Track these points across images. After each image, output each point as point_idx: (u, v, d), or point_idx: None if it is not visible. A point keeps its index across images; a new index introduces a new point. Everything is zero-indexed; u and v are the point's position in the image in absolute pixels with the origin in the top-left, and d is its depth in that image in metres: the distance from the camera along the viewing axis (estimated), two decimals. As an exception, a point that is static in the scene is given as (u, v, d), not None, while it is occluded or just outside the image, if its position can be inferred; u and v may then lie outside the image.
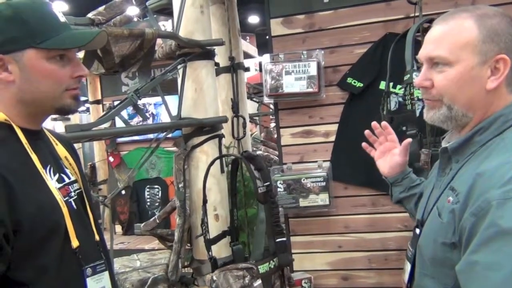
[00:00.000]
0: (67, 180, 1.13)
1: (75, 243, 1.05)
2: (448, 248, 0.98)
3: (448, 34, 1.00)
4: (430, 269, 1.06)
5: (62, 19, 1.07)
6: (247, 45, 6.51)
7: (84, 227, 1.12)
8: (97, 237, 1.17)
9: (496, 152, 0.95)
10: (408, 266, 1.17)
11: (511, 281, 0.80)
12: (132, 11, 2.69)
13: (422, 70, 1.05)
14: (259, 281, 1.69)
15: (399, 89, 2.35)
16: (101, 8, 1.91)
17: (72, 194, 1.12)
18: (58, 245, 1.02)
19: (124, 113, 2.47)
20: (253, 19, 12.53)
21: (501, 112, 0.98)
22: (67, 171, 1.15)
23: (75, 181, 1.16)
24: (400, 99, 2.33)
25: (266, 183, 1.77)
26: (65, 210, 1.04)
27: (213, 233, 2.14)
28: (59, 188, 1.08)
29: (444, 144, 1.10)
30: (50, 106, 1.07)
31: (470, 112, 1.00)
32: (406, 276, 1.18)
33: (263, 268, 1.69)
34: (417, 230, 1.13)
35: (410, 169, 1.49)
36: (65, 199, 1.07)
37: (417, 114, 2.10)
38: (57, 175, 1.10)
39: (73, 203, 1.11)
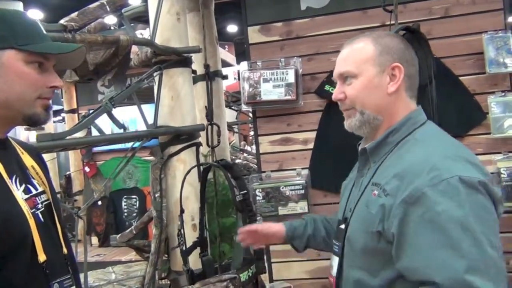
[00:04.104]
0: (34, 191, 1.08)
1: (42, 257, 1.01)
2: (375, 236, 1.10)
3: (352, 53, 1.20)
4: (360, 260, 1.17)
5: (44, 32, 1.10)
6: (226, 54, 6.51)
7: (51, 240, 1.08)
8: (65, 251, 1.12)
9: (414, 149, 1.12)
10: (335, 260, 1.26)
11: (456, 252, 0.95)
12: (110, 19, 2.64)
13: (336, 86, 1.23)
14: None
15: (376, 96, 2.36)
16: (73, 14, 1.87)
17: (40, 206, 1.08)
18: (24, 259, 0.98)
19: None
20: (232, 28, 12.56)
21: (409, 115, 1.16)
22: (34, 182, 1.10)
23: (43, 192, 1.12)
24: (377, 106, 2.34)
25: (243, 192, 1.76)
26: (32, 222, 1.00)
27: (190, 243, 2.09)
28: (26, 200, 1.04)
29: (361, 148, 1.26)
30: (21, 112, 1.04)
31: (380, 115, 1.17)
32: (334, 270, 1.26)
33: (243, 277, 1.68)
34: (342, 226, 1.25)
35: (289, 222, 1.56)
36: (32, 211, 1.03)
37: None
38: (23, 186, 1.06)
39: (40, 215, 1.07)
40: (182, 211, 1.88)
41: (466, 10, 2.37)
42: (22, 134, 5.29)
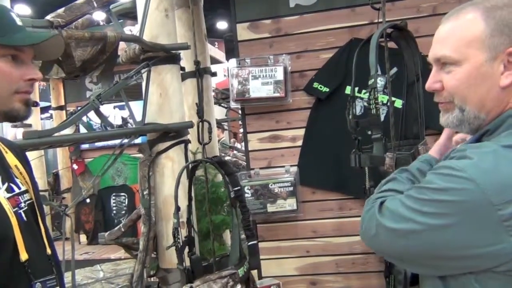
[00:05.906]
0: (17, 190, 1.07)
1: (24, 256, 0.99)
2: None
3: (453, 31, 0.93)
4: None
5: (19, 23, 1.05)
6: (215, 51, 6.49)
7: (34, 239, 1.06)
8: (48, 251, 1.11)
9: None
10: None
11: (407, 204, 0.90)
12: (99, 15, 2.61)
13: (432, 72, 0.99)
14: (239, 286, 1.69)
15: (364, 93, 2.37)
16: (60, 10, 1.85)
17: (22, 205, 1.06)
18: (5, 258, 0.96)
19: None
20: (222, 25, 12.51)
21: (509, 112, 0.89)
22: (18, 181, 1.09)
23: (26, 192, 1.10)
24: (365, 103, 2.35)
25: (236, 188, 1.77)
26: (13, 221, 0.98)
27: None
28: (8, 198, 1.02)
29: None
30: None
31: (483, 113, 0.92)
32: None
33: (241, 272, 1.70)
34: None
35: None
36: (14, 210, 1.01)
37: (382, 118, 2.12)
38: (5, 185, 1.04)
39: (23, 214, 1.05)
40: (178, 208, 1.88)
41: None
42: (10, 131, 5.23)
